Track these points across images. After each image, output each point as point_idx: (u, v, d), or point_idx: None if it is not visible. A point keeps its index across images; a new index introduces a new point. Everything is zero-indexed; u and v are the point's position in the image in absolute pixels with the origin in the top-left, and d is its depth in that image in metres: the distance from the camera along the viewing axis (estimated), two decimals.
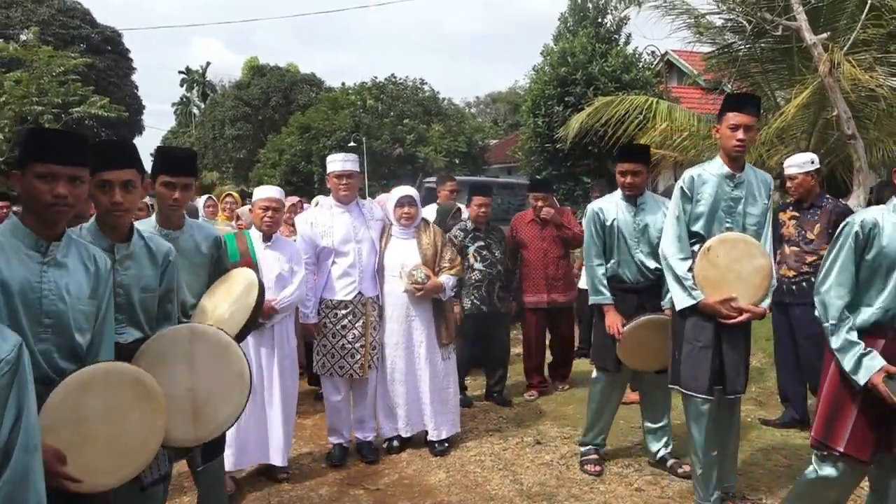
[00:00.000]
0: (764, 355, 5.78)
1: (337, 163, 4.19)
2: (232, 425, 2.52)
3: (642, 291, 3.85)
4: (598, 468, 3.96)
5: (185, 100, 55.51)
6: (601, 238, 3.89)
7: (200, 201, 7.50)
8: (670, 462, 3.94)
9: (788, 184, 4.57)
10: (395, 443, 4.38)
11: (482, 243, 5.27)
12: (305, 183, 26.99)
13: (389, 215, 4.37)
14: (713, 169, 3.28)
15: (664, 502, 3.59)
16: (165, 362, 2.34)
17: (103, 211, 2.32)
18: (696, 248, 3.25)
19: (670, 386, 3.43)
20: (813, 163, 4.45)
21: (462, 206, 6.28)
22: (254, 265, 3.73)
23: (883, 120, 8.71)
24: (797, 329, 4.40)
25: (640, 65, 16.78)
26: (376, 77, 31.18)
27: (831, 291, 2.50)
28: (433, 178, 9.74)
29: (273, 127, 35.13)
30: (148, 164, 2.95)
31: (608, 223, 3.87)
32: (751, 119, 3.14)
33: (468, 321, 5.16)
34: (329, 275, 4.18)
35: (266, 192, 4.11)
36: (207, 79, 54.42)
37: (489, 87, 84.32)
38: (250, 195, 6.54)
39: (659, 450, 4.01)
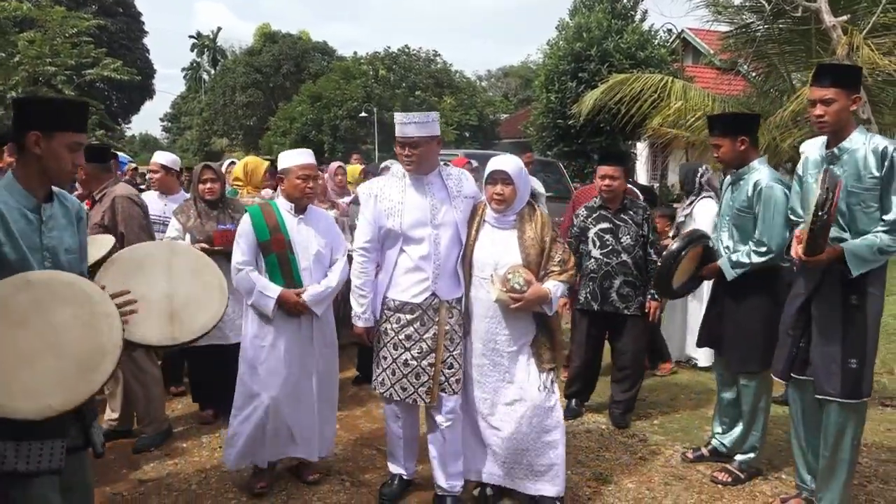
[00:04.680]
0: None
1: (397, 126, 3.12)
2: (210, 331, 2.58)
3: (722, 277, 3.53)
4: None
5: (195, 65, 55.29)
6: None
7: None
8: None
9: None
10: (489, 491, 3.33)
11: (607, 225, 4.24)
12: (316, 152, 27.03)
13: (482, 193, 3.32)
14: (819, 146, 3.09)
15: (667, 471, 3.71)
16: (142, 268, 2.48)
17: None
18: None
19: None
20: None
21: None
22: (287, 243, 3.36)
23: None
24: None
25: (656, 42, 16.66)
26: (389, 47, 31.01)
27: None
28: (447, 152, 9.75)
29: (284, 95, 35.09)
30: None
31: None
32: (826, 91, 2.88)
33: (577, 319, 4.40)
34: (395, 268, 3.19)
35: (304, 158, 3.44)
36: (218, 44, 54.15)
37: (500, 60, 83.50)
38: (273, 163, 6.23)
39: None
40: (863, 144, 2.90)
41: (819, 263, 2.86)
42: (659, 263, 3.66)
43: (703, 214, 5.03)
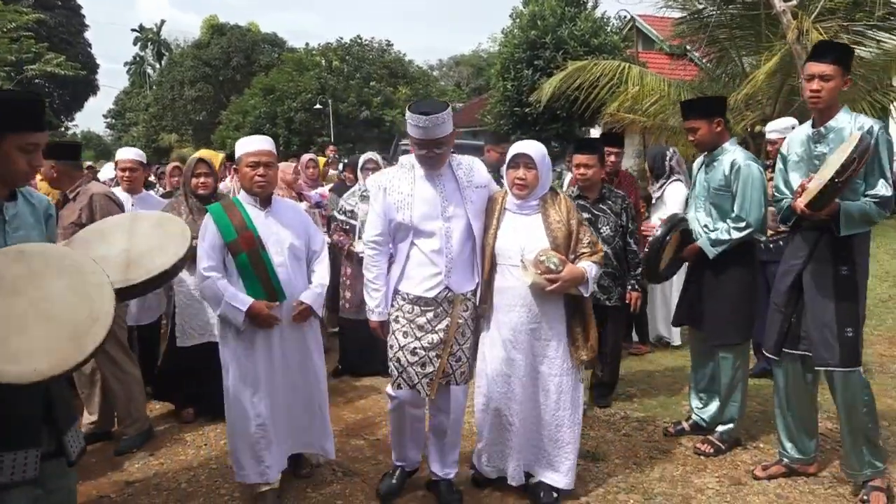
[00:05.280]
0: None
1: (419, 128, 2.93)
2: (168, 273, 2.58)
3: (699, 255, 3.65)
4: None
5: (138, 59, 53.73)
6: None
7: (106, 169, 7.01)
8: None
9: (769, 147, 4.77)
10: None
11: (586, 216, 4.05)
12: None
13: (504, 180, 3.22)
14: (805, 126, 3.17)
15: (651, 445, 3.82)
16: (104, 236, 2.62)
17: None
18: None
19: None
20: (793, 127, 4.64)
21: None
22: (257, 240, 3.09)
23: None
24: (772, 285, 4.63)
25: (609, 29, 16.90)
26: (341, 38, 30.73)
27: None
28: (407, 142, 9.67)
29: (235, 88, 34.43)
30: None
31: (693, 179, 3.82)
32: (826, 67, 2.92)
33: None
34: (407, 261, 3.11)
35: (253, 144, 3.15)
36: (162, 37, 52.71)
37: (451, 49, 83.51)
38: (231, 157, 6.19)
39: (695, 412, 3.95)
40: (848, 123, 2.98)
41: (814, 217, 2.93)
42: (647, 249, 3.73)
43: (673, 196, 5.16)
